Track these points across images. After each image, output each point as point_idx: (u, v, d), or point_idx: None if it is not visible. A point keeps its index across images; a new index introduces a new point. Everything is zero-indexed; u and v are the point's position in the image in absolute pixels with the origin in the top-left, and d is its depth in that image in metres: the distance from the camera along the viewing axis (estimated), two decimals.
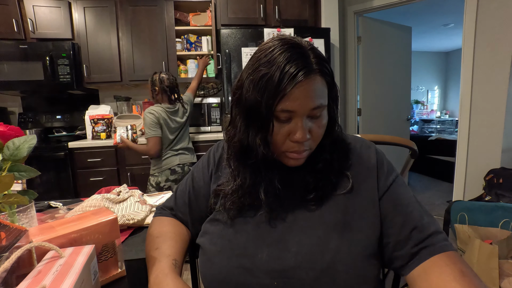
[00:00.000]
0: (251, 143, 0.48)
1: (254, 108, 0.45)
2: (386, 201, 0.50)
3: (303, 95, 0.43)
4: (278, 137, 0.47)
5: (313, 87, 0.44)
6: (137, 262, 0.62)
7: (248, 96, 0.46)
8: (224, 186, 0.55)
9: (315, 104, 0.44)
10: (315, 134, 0.48)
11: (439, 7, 3.52)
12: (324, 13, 2.45)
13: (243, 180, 0.51)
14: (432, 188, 3.42)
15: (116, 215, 0.53)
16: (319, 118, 0.47)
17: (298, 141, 0.46)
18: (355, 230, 0.47)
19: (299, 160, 0.49)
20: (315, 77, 0.44)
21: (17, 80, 2.24)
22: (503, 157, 2.10)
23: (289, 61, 0.43)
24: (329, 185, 0.51)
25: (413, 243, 0.46)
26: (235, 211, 0.52)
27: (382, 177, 0.52)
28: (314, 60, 0.44)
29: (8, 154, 0.53)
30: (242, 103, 0.48)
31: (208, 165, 0.61)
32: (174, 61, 2.48)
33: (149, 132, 1.74)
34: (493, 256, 1.34)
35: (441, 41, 5.15)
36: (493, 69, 2.08)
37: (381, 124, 3.01)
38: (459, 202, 1.75)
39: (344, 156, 0.53)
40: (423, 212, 0.49)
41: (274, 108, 0.44)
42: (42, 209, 0.92)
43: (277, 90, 0.43)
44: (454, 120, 5.20)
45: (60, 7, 2.30)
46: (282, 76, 0.42)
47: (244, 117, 0.48)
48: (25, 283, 0.35)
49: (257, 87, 0.44)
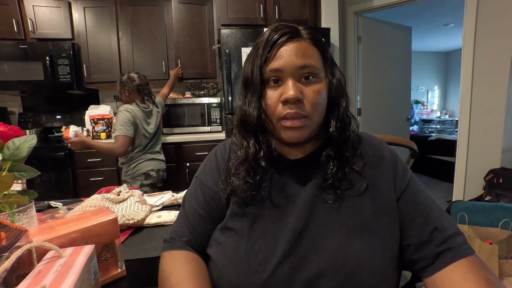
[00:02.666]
0: (248, 110, 0.50)
1: (249, 77, 0.49)
2: (405, 203, 0.48)
3: (288, 53, 0.46)
4: (270, 101, 0.48)
5: (300, 46, 0.46)
6: (137, 262, 0.62)
7: (245, 68, 0.52)
8: (231, 163, 0.53)
9: (302, 62, 0.46)
10: (309, 98, 0.46)
11: (439, 7, 3.51)
12: (324, 13, 2.45)
13: (247, 149, 0.50)
14: (432, 188, 3.41)
15: (116, 215, 0.53)
16: (313, 83, 0.47)
17: (287, 100, 0.45)
18: (375, 233, 0.46)
19: (296, 130, 0.46)
20: (302, 41, 0.47)
21: (17, 80, 2.24)
22: (503, 157, 2.10)
23: (275, 30, 0.48)
24: (345, 180, 0.48)
25: (435, 244, 0.45)
26: (243, 193, 0.49)
27: (399, 177, 0.50)
28: (304, 32, 0.49)
29: (8, 154, 0.53)
30: (243, 77, 0.52)
31: (217, 168, 0.56)
32: (174, 61, 2.48)
33: (121, 129, 1.59)
34: (493, 256, 1.34)
35: (441, 41, 5.15)
36: (493, 69, 2.08)
37: (381, 124, 3.01)
38: (459, 202, 1.75)
39: (355, 151, 0.51)
40: (440, 212, 0.48)
41: (263, 71, 0.47)
42: (42, 209, 0.92)
43: (264, 52, 0.47)
44: (454, 120, 5.19)
45: (60, 7, 2.30)
46: (269, 40, 0.47)
47: (243, 88, 0.52)
48: (25, 283, 0.35)
49: (250, 58, 0.50)
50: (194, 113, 2.44)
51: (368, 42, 2.80)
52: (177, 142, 2.27)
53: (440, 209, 0.48)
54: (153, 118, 1.83)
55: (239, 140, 0.52)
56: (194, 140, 2.29)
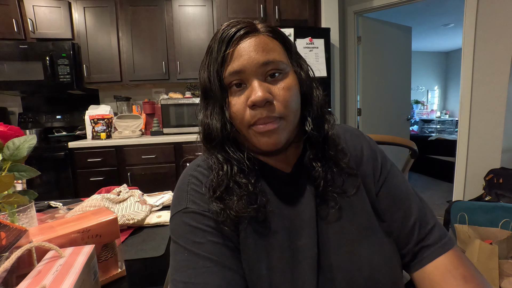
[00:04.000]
0: (211, 122, 0.43)
1: (207, 85, 0.43)
2: (385, 196, 0.47)
3: (247, 51, 0.40)
4: (236, 107, 0.41)
5: (258, 41, 0.41)
6: (137, 262, 0.62)
7: (200, 77, 0.45)
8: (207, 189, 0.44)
9: (264, 58, 0.40)
10: (279, 96, 0.41)
11: (439, 7, 3.51)
12: (324, 13, 2.45)
13: (218, 168, 0.43)
14: (432, 188, 3.41)
15: (116, 215, 0.53)
16: (280, 80, 0.41)
17: (256, 103, 0.39)
18: (377, 231, 0.44)
19: (271, 136, 0.41)
20: (259, 35, 0.41)
21: (17, 80, 2.24)
22: (503, 157, 2.10)
23: (228, 28, 0.41)
24: (336, 183, 0.45)
25: (415, 241, 0.45)
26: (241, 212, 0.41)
27: (377, 169, 0.48)
28: (260, 25, 0.43)
29: (8, 154, 0.53)
30: (200, 88, 0.46)
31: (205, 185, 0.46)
32: (174, 61, 2.48)
33: None
34: (493, 256, 1.34)
35: (441, 41, 5.15)
36: (493, 69, 2.08)
37: (381, 124, 3.01)
38: (459, 202, 1.75)
39: (337, 147, 0.47)
40: (420, 203, 0.47)
41: (222, 76, 0.41)
42: (42, 209, 0.92)
43: (218, 56, 0.41)
44: (454, 120, 5.19)
45: (60, 7, 2.30)
46: (222, 40, 0.41)
47: (203, 100, 0.46)
48: (25, 283, 0.35)
49: (205, 64, 0.44)
50: (194, 113, 2.44)
51: (368, 42, 2.80)
52: (177, 142, 2.27)
53: (419, 201, 0.48)
54: None
55: (209, 159, 0.46)
56: (194, 140, 2.26)
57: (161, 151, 2.25)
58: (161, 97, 2.51)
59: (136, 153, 2.22)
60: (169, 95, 2.54)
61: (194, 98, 2.48)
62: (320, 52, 2.24)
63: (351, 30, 2.79)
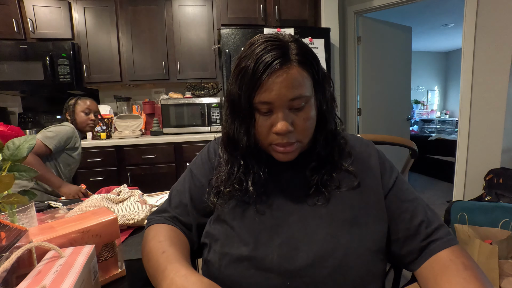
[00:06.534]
0: (236, 135, 0.49)
1: (236, 101, 0.47)
2: (392, 199, 0.51)
3: (278, 86, 0.43)
4: (261, 129, 0.47)
5: (289, 76, 0.44)
6: (137, 262, 0.62)
7: (231, 89, 0.48)
8: (218, 174, 0.54)
9: (292, 94, 0.44)
10: (300, 126, 0.47)
11: (439, 7, 3.52)
12: (324, 13, 2.45)
13: (232, 170, 0.52)
14: (432, 188, 3.41)
15: (116, 215, 0.53)
16: (303, 110, 0.46)
17: (278, 133, 0.46)
18: (363, 226, 0.48)
19: (287, 154, 0.48)
20: (291, 67, 0.44)
21: (17, 80, 2.24)
22: (503, 157, 2.10)
23: (264, 52, 0.44)
24: (332, 182, 0.51)
25: (421, 237, 0.48)
26: (228, 200, 0.52)
27: (386, 175, 0.53)
28: (294, 52, 0.45)
29: (8, 154, 0.53)
30: (228, 97, 0.49)
31: (208, 160, 0.59)
32: (174, 61, 2.48)
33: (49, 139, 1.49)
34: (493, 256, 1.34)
35: (441, 41, 5.15)
36: (493, 69, 2.08)
37: (381, 124, 3.01)
38: (459, 202, 1.75)
39: (343, 152, 0.53)
40: (426, 206, 0.51)
41: (252, 101, 0.45)
42: (42, 209, 0.92)
43: (252, 81, 0.44)
44: (454, 120, 5.19)
45: (60, 7, 2.30)
46: (257, 67, 0.43)
47: (230, 110, 0.50)
48: (25, 283, 0.35)
49: (237, 81, 0.46)
50: (194, 113, 2.44)
51: (368, 42, 2.80)
52: (177, 142, 2.27)
53: (425, 204, 0.52)
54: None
55: (225, 156, 0.54)
56: (194, 140, 2.29)
57: (161, 151, 2.25)
58: (161, 97, 2.51)
59: (136, 153, 2.22)
60: (169, 95, 2.54)
61: (194, 98, 2.48)
62: (320, 52, 2.24)
63: (351, 30, 2.79)
